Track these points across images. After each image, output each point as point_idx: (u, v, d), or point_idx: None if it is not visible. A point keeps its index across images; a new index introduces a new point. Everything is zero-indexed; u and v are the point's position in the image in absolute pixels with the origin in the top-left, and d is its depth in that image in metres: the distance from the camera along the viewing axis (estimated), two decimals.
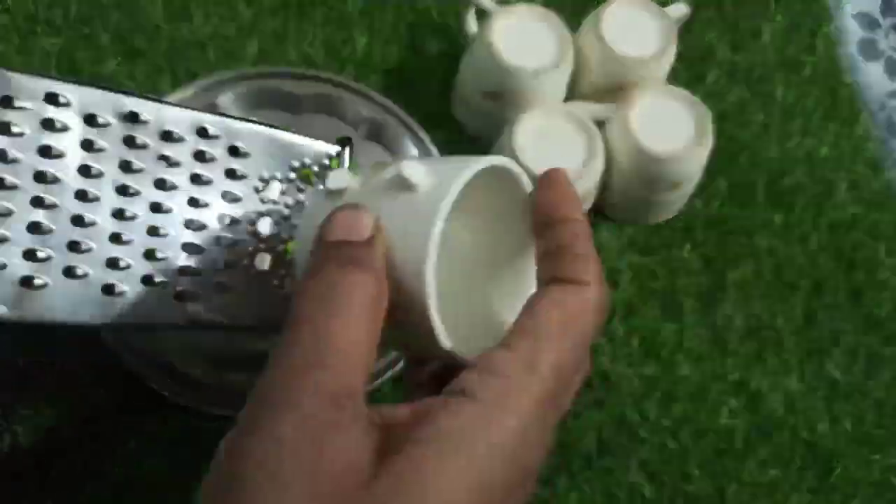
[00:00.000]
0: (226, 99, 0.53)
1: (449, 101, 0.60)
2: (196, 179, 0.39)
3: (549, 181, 0.33)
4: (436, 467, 0.26)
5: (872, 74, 0.69)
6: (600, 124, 0.54)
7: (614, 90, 0.56)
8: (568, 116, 0.53)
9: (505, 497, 0.27)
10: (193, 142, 0.38)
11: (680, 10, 0.58)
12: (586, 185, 0.52)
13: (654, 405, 0.53)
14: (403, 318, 0.29)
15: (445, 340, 0.29)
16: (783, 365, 0.55)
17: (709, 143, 0.53)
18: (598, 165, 0.52)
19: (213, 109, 0.50)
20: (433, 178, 0.30)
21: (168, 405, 0.47)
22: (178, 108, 0.38)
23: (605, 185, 0.55)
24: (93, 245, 0.35)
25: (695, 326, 0.56)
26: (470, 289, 0.35)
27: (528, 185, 0.33)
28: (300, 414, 0.26)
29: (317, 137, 0.42)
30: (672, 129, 0.53)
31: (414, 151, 0.55)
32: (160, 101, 0.38)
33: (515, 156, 0.51)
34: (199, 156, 0.39)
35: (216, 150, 0.39)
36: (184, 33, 0.59)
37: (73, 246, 0.35)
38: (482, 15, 0.58)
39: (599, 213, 0.58)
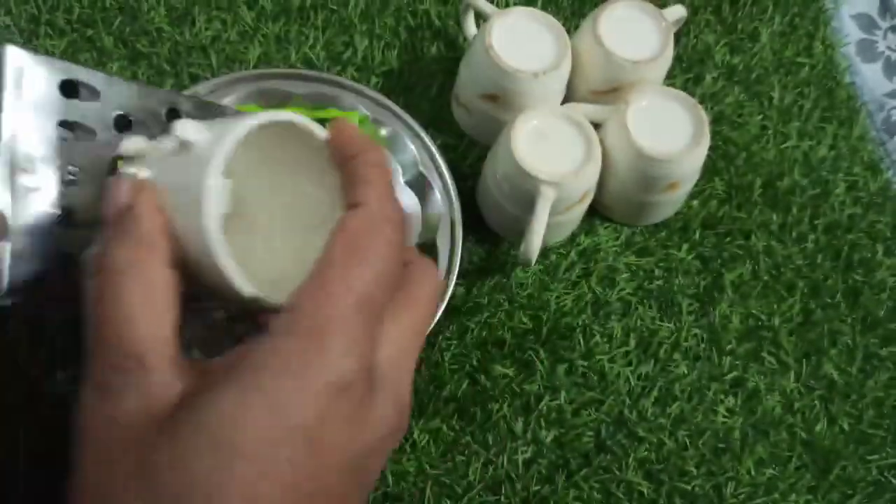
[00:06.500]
0: (229, 101, 0.54)
1: (448, 103, 0.61)
2: None
3: (337, 128, 0.33)
4: (235, 400, 0.26)
5: (870, 75, 0.69)
6: (598, 126, 0.54)
7: (612, 92, 0.56)
8: (566, 118, 0.53)
9: (314, 438, 0.26)
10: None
11: (677, 12, 0.58)
12: (584, 186, 0.52)
13: (651, 404, 0.53)
14: (200, 274, 0.29)
15: (244, 286, 0.29)
16: (781, 365, 0.56)
17: (706, 144, 0.54)
18: (596, 167, 0.53)
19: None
20: (209, 135, 0.30)
21: None
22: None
23: (602, 187, 0.55)
24: None
25: (692, 326, 0.56)
26: (296, 241, 0.34)
27: (323, 135, 0.33)
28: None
29: None
30: (669, 131, 0.53)
31: (413, 148, 0.55)
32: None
33: (514, 157, 0.51)
34: None
35: None
36: (186, 37, 0.60)
37: None
38: (481, 18, 0.58)
39: (597, 213, 0.58)
